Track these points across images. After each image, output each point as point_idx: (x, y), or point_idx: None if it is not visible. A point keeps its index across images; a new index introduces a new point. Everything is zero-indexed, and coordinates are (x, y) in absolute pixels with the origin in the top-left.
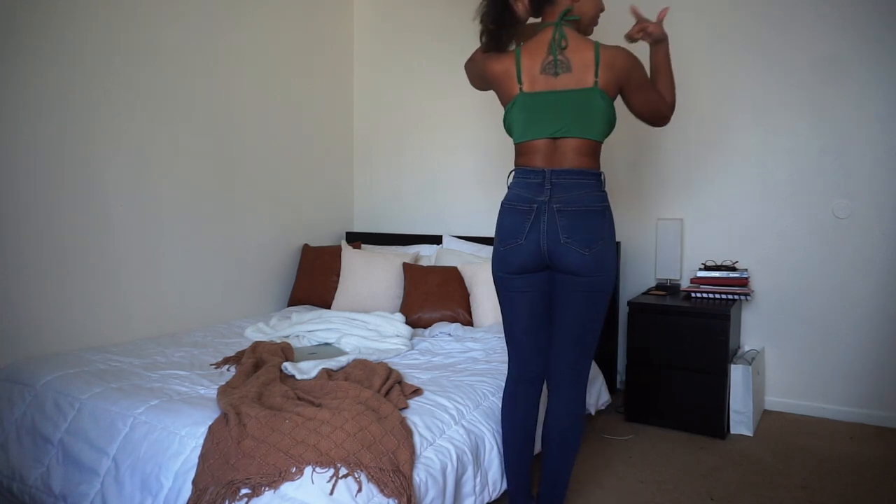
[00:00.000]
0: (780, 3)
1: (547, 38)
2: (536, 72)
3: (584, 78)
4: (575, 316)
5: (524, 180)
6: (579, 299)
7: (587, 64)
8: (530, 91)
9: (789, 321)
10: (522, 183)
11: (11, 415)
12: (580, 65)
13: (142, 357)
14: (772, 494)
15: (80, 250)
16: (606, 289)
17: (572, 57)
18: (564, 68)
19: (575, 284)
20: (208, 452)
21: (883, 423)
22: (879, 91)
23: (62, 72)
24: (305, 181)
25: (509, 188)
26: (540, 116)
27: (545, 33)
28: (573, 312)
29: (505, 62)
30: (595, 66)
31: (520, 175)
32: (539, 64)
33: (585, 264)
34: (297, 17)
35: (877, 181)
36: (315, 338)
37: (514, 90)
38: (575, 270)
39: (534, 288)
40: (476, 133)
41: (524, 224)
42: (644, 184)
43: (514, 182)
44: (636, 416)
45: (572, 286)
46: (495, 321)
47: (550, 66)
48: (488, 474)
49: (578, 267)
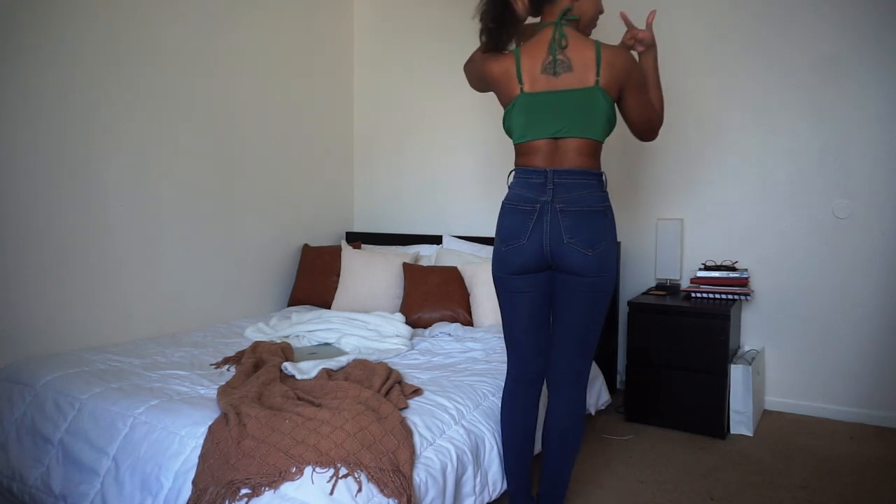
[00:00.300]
0: (780, 3)
1: (547, 37)
2: (537, 72)
3: (585, 77)
4: (577, 316)
5: (526, 180)
6: (581, 300)
7: (588, 63)
8: (531, 91)
9: (789, 321)
10: (524, 183)
11: (11, 415)
12: (581, 64)
13: (142, 357)
14: (772, 494)
15: (80, 250)
16: (608, 289)
17: (573, 56)
18: (565, 68)
19: (577, 285)
20: (208, 452)
21: (883, 423)
22: (879, 91)
23: (62, 72)
24: (305, 181)
25: (510, 188)
26: (541, 117)
27: (545, 33)
28: (575, 313)
29: (504, 63)
30: (596, 65)
31: (521, 175)
32: (539, 64)
33: (588, 265)
34: (298, 17)
35: (877, 181)
36: (315, 338)
37: (515, 91)
38: (578, 271)
39: (535, 288)
40: (476, 133)
41: (527, 224)
42: (644, 184)
43: (515, 182)
44: (636, 416)
45: (574, 286)
46: (495, 321)
47: (551, 66)
48: (488, 474)
49: (581, 267)
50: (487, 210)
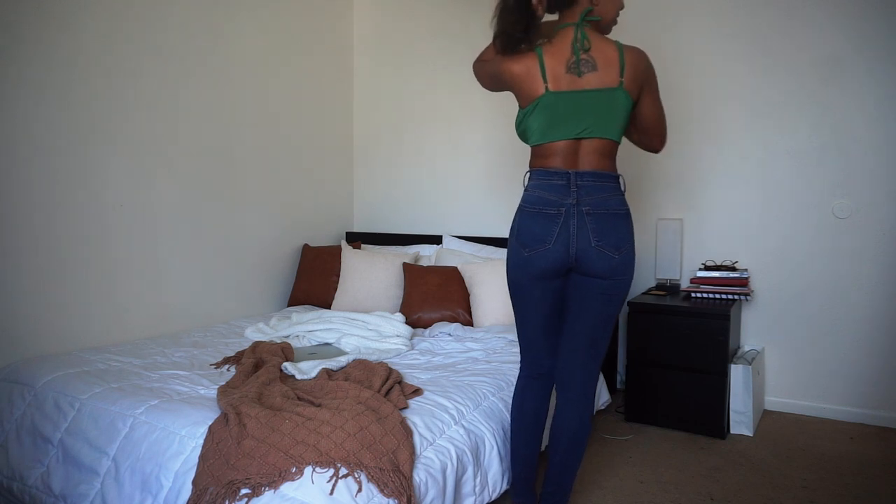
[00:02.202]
0: (781, 3)
1: (569, 38)
2: (561, 71)
3: (610, 77)
4: (592, 318)
5: (546, 182)
6: (598, 301)
7: (612, 63)
8: (556, 90)
9: (789, 321)
10: (545, 185)
11: (11, 415)
12: (605, 64)
13: (142, 357)
14: (772, 494)
15: (80, 250)
16: (625, 291)
17: (597, 56)
18: (589, 67)
19: (597, 287)
20: (208, 452)
21: (883, 423)
22: (880, 91)
23: (61, 71)
24: (305, 181)
25: (527, 190)
26: (564, 117)
27: (566, 33)
28: (591, 314)
29: (526, 62)
30: (620, 65)
31: (541, 177)
32: (563, 64)
33: (613, 267)
34: (298, 17)
35: (877, 181)
36: (315, 338)
37: (539, 90)
38: (601, 273)
39: (552, 291)
40: (476, 133)
41: (552, 228)
42: (644, 184)
43: (534, 184)
44: (636, 416)
45: (593, 288)
46: (495, 321)
47: (575, 66)
48: (488, 474)
49: (606, 270)
50: (487, 210)
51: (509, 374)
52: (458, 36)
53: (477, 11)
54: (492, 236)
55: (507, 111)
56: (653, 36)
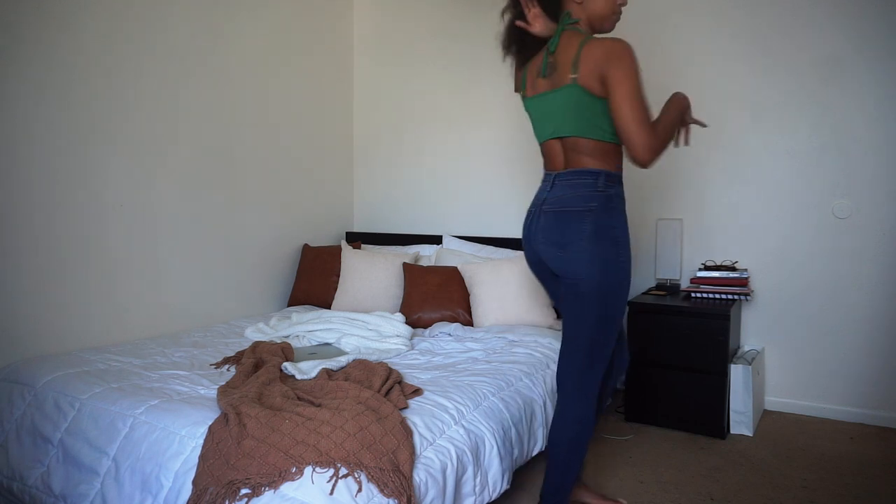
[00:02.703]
0: (781, 3)
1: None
2: (535, 77)
3: (562, 76)
4: (575, 319)
5: (541, 183)
6: (574, 302)
7: (569, 61)
8: (530, 95)
9: (789, 321)
10: (540, 186)
11: (11, 415)
12: (563, 62)
13: (142, 357)
14: (772, 494)
15: (80, 250)
16: (595, 291)
17: (559, 57)
18: (552, 69)
19: (566, 287)
20: (208, 452)
21: (883, 423)
22: (880, 91)
23: (60, 71)
24: (305, 181)
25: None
26: (538, 120)
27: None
28: (572, 315)
29: (519, 74)
30: (574, 61)
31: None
32: (537, 69)
33: (563, 267)
34: (298, 17)
35: (877, 181)
36: (315, 338)
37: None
38: (559, 273)
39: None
40: (476, 133)
41: (529, 228)
42: (644, 184)
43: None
44: (636, 416)
45: (564, 289)
46: (495, 321)
47: (542, 70)
48: (488, 474)
49: (559, 269)
50: (487, 210)
51: (509, 374)
52: (458, 36)
53: (477, 11)
54: (492, 236)
55: (508, 111)
56: (653, 36)
